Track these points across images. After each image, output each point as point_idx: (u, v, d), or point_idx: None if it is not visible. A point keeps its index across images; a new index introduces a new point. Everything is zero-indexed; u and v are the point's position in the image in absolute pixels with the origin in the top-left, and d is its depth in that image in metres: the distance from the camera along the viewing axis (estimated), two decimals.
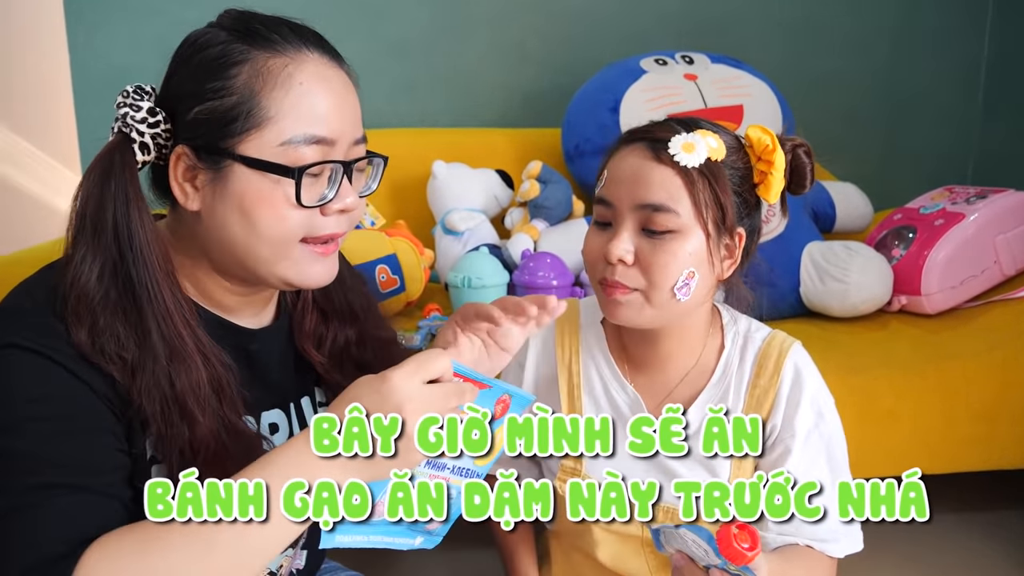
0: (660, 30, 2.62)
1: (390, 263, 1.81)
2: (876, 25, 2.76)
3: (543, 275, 1.81)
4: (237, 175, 0.78)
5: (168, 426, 0.78)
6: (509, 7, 2.56)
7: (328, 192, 0.81)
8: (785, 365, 1.04)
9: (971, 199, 1.93)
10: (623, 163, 0.99)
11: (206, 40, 0.81)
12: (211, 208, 0.80)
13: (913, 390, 1.64)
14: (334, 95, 0.81)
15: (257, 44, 0.79)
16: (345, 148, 0.82)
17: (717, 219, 0.96)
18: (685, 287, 0.96)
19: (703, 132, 0.97)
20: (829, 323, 1.88)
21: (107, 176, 0.79)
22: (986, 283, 1.90)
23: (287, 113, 0.78)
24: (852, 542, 1.04)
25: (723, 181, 0.96)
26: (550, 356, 1.13)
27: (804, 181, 1.03)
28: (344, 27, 2.47)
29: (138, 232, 0.78)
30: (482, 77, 2.59)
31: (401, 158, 2.33)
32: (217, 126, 0.78)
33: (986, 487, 1.97)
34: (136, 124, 0.79)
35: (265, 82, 0.78)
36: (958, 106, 2.87)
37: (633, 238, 0.97)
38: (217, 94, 0.78)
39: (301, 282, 0.84)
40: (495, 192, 2.17)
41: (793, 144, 1.02)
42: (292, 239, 0.81)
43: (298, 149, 0.78)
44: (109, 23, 2.39)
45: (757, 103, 2.17)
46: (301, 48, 0.80)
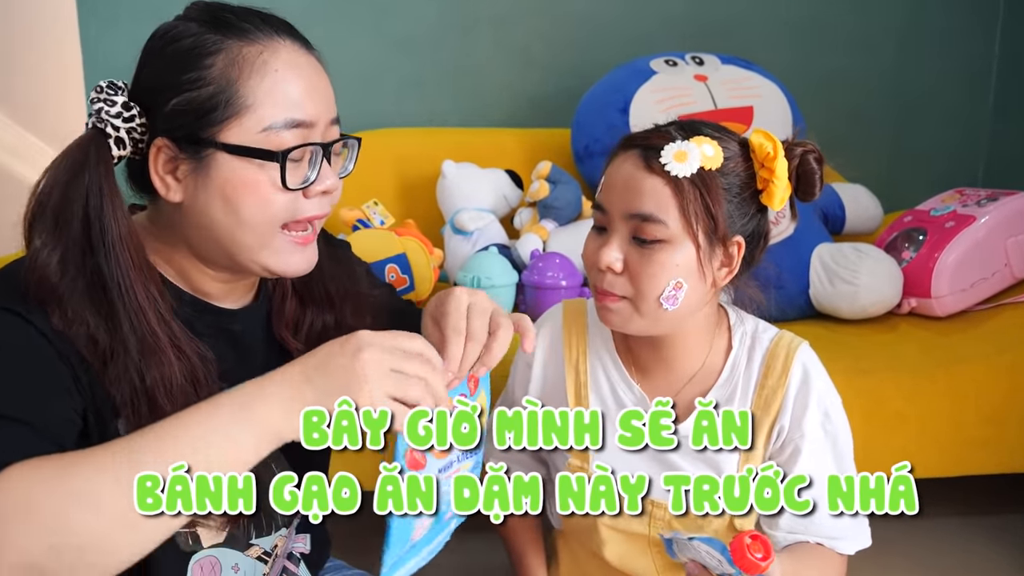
0: (665, 32, 2.61)
1: (400, 262, 1.81)
2: (884, 25, 2.74)
3: (552, 275, 1.81)
4: (220, 163, 0.80)
5: (137, 416, 0.78)
6: (516, 6, 2.56)
7: (311, 174, 0.83)
8: (793, 366, 1.04)
9: (982, 201, 1.93)
10: (618, 170, 0.99)
11: (177, 32, 0.83)
12: (193, 197, 0.81)
13: (922, 392, 1.64)
14: (308, 79, 0.83)
15: (230, 33, 0.81)
16: (322, 130, 0.84)
17: (708, 229, 0.95)
18: (672, 297, 0.96)
19: (700, 139, 0.95)
20: (838, 325, 1.87)
21: (80, 169, 0.79)
22: (996, 286, 1.90)
23: (265, 100, 0.80)
24: (862, 538, 1.05)
25: (715, 191, 0.95)
26: (557, 356, 1.13)
27: (812, 188, 1.01)
28: (351, 25, 2.48)
29: (111, 227, 0.79)
30: (491, 77, 2.59)
31: (410, 158, 2.35)
32: (197, 116, 0.79)
33: (994, 490, 1.97)
34: (111, 119, 0.80)
35: (241, 70, 0.79)
36: (968, 107, 2.86)
37: (623, 246, 0.97)
38: (194, 84, 0.79)
39: (282, 270, 0.86)
40: (504, 192, 2.18)
41: (803, 150, 0.99)
42: (275, 224, 0.83)
43: (279, 134, 0.80)
44: (121, 20, 2.40)
45: (767, 104, 2.17)
46: (273, 36, 0.82)
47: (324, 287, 1.01)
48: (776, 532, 1.04)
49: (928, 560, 1.76)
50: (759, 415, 1.03)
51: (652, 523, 1.07)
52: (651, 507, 1.06)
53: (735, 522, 1.04)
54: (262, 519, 0.93)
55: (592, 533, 1.11)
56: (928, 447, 1.67)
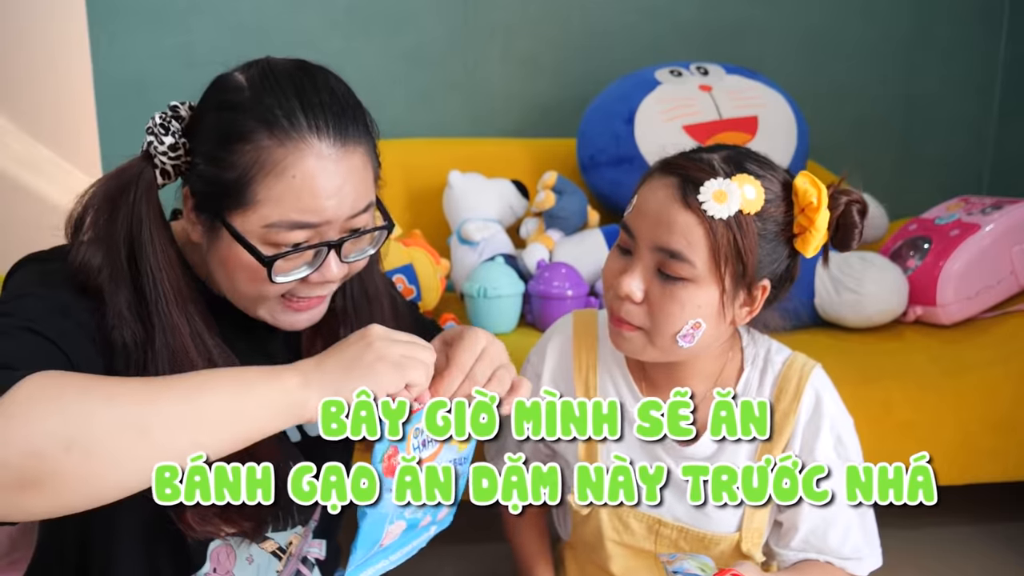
0: (673, 41, 2.63)
1: (407, 273, 1.82)
2: (889, 33, 2.75)
3: (558, 285, 1.82)
4: (223, 238, 0.83)
5: None
6: (524, 18, 2.58)
7: (307, 269, 0.85)
8: (805, 391, 1.02)
9: (987, 209, 1.93)
10: (652, 196, 0.94)
11: (230, 100, 0.83)
12: (205, 248, 0.86)
13: (928, 401, 1.64)
14: (329, 183, 0.81)
15: (268, 125, 0.80)
16: (339, 226, 0.84)
17: (736, 274, 0.91)
18: (689, 336, 0.94)
19: (742, 179, 0.90)
20: (844, 334, 1.87)
21: (126, 189, 0.84)
22: (1002, 294, 1.89)
23: (274, 200, 0.80)
24: (873, 559, 1.04)
25: (750, 237, 0.90)
26: (567, 369, 1.13)
27: (851, 241, 0.95)
28: (360, 37, 2.50)
29: (150, 252, 0.83)
30: (497, 87, 2.61)
31: (417, 168, 2.36)
32: (215, 191, 0.82)
33: (1002, 498, 1.97)
34: (159, 154, 0.84)
35: (262, 168, 0.80)
36: (973, 115, 2.86)
37: (646, 276, 0.94)
38: (220, 164, 0.81)
39: (278, 326, 0.89)
40: (510, 202, 2.19)
41: (848, 199, 0.94)
42: (270, 298, 0.86)
43: (280, 232, 0.81)
44: (131, 32, 2.42)
45: (772, 114, 2.17)
46: (308, 136, 0.81)
47: (369, 314, 1.02)
48: (786, 551, 1.03)
49: (936, 568, 1.76)
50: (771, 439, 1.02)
51: (659, 541, 1.06)
52: (658, 526, 1.06)
53: (741, 546, 1.04)
54: (278, 513, 0.95)
55: (598, 548, 1.10)
56: (935, 455, 1.63)
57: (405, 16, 2.52)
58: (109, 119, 2.47)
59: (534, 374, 1.15)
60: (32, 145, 3.11)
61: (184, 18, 2.42)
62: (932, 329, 1.88)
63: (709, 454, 1.04)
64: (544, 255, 2.01)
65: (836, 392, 1.05)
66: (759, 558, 1.05)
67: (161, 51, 2.42)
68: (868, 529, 1.04)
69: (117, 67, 2.43)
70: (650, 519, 1.05)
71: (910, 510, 0.91)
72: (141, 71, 2.44)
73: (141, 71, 2.44)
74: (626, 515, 1.07)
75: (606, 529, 1.08)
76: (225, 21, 2.42)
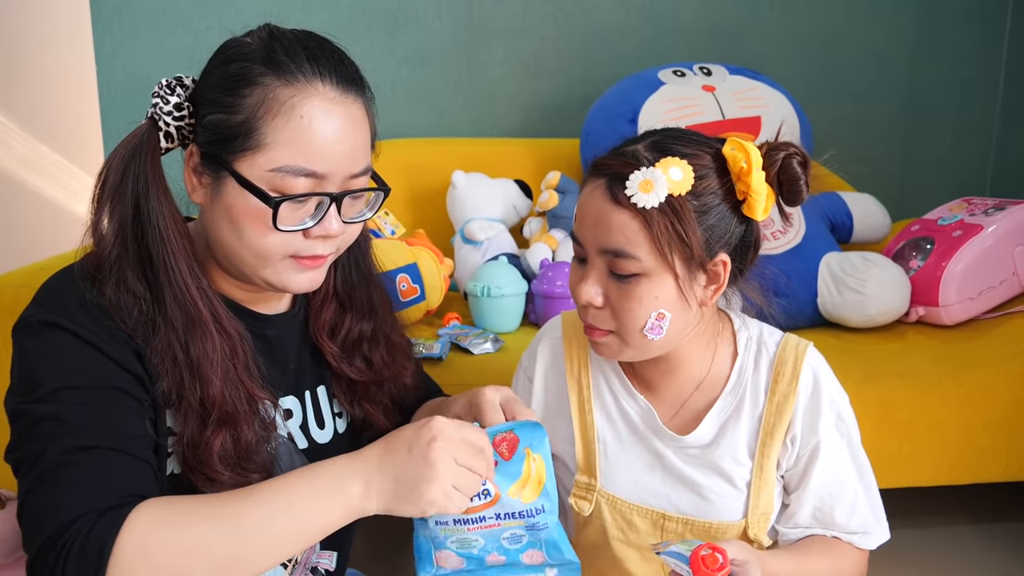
0: (676, 42, 2.63)
1: (411, 272, 1.83)
2: (893, 35, 2.76)
3: (561, 285, 1.82)
4: (229, 187, 0.83)
5: (180, 389, 0.83)
6: (527, 19, 2.58)
7: (310, 220, 0.85)
8: (803, 371, 1.03)
9: (989, 210, 1.93)
10: (588, 201, 0.96)
11: (236, 52, 0.85)
12: (208, 207, 0.87)
13: (931, 401, 1.64)
14: (334, 131, 0.83)
15: (273, 69, 0.82)
16: (340, 181, 0.85)
17: (685, 257, 0.92)
18: (656, 327, 0.95)
19: (667, 162, 0.90)
20: (846, 334, 1.88)
21: (132, 155, 0.85)
22: (1004, 294, 1.90)
23: (282, 143, 0.81)
24: (880, 532, 1.04)
25: (687, 217, 0.90)
26: (559, 369, 1.12)
27: (798, 194, 0.94)
28: (364, 36, 2.50)
29: (155, 210, 0.84)
30: (501, 88, 2.62)
31: (421, 168, 2.37)
32: (221, 138, 0.83)
33: (1003, 498, 1.97)
34: (163, 115, 0.85)
35: (269, 108, 0.81)
36: (976, 117, 2.86)
37: (601, 280, 0.96)
38: (227, 109, 0.82)
39: (283, 288, 0.89)
40: (514, 202, 2.19)
41: (784, 154, 0.93)
42: (275, 254, 0.86)
43: (287, 179, 0.82)
44: (135, 34, 2.43)
45: (775, 114, 2.18)
46: (313, 79, 0.83)
47: (368, 294, 1.04)
48: (793, 530, 1.04)
49: (936, 568, 1.76)
50: (773, 422, 1.02)
51: (664, 536, 1.06)
52: (663, 520, 1.06)
53: (748, 532, 1.04)
54: None
55: (605, 550, 1.10)
56: (937, 455, 1.67)
57: (409, 16, 2.53)
58: (113, 120, 2.48)
59: (526, 378, 1.15)
60: (36, 146, 3.12)
61: (188, 20, 2.43)
62: (934, 329, 1.89)
63: (707, 442, 1.04)
64: (547, 255, 2.02)
65: (831, 370, 1.06)
66: (766, 543, 1.05)
67: (165, 52, 2.43)
68: (874, 503, 1.05)
69: (121, 68, 2.45)
70: (654, 514, 1.06)
71: (910, 510, 0.92)
72: (145, 72, 2.45)
73: (145, 72, 2.45)
74: (629, 512, 1.07)
75: (610, 529, 1.08)
76: (229, 22, 2.42)
